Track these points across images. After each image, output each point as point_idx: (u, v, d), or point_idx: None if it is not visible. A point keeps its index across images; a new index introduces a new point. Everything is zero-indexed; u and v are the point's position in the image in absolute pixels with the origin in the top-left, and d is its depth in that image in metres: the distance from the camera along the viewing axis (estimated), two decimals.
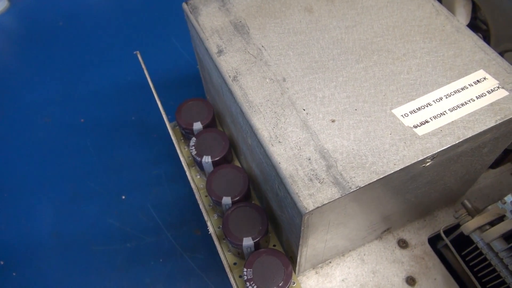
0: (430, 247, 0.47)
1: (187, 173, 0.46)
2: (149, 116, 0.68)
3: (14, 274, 0.54)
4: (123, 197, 0.60)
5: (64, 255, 0.55)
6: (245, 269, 0.39)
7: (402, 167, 0.31)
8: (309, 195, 0.30)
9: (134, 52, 0.45)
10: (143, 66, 0.44)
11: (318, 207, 0.30)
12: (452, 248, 0.45)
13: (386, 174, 0.31)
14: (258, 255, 0.40)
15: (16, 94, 0.72)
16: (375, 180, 0.31)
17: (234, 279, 0.42)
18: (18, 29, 0.82)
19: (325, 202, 0.30)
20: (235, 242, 0.41)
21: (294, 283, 0.43)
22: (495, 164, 0.50)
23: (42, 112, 0.69)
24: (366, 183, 0.30)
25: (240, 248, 0.41)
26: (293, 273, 0.44)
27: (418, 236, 0.48)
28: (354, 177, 0.31)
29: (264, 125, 0.34)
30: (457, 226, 0.44)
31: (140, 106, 0.69)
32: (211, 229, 0.33)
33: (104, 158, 0.64)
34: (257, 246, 0.41)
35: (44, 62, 0.76)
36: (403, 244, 0.48)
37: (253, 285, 0.38)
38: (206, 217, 0.34)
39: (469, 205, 0.44)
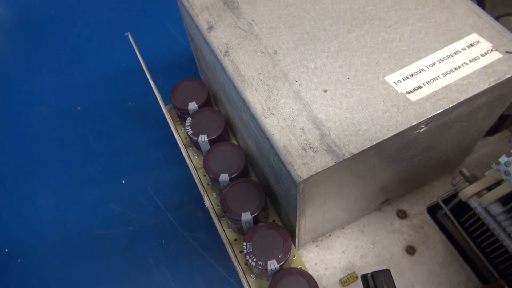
0: (429, 216, 0.48)
1: (184, 153, 0.46)
2: (146, 101, 0.67)
3: (19, 261, 0.55)
4: (123, 181, 0.60)
5: (67, 241, 0.56)
6: (244, 243, 0.39)
7: (395, 132, 0.31)
8: (303, 164, 0.30)
9: (125, 34, 0.45)
10: (135, 46, 0.44)
11: (312, 175, 0.30)
12: (451, 216, 0.45)
13: (379, 140, 0.31)
14: (257, 229, 0.40)
15: (13, 85, 0.72)
16: (368, 146, 0.31)
17: (235, 254, 0.43)
18: (11, 19, 0.81)
19: (319, 170, 0.30)
20: (234, 218, 0.41)
21: (294, 256, 0.44)
22: (492, 131, 0.50)
23: (39, 101, 0.69)
24: (360, 150, 0.31)
25: (239, 224, 0.42)
26: (293, 246, 0.45)
27: (417, 206, 0.48)
28: (348, 144, 0.31)
29: (256, 98, 0.34)
30: (456, 195, 0.44)
31: (137, 92, 0.69)
32: (207, 203, 0.34)
33: (103, 144, 0.64)
34: (256, 220, 0.41)
35: (38, 52, 0.76)
36: (402, 214, 0.48)
37: (252, 258, 0.38)
38: (202, 192, 0.34)
39: (467, 174, 0.44)
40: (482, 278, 0.43)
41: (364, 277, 0.37)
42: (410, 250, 0.45)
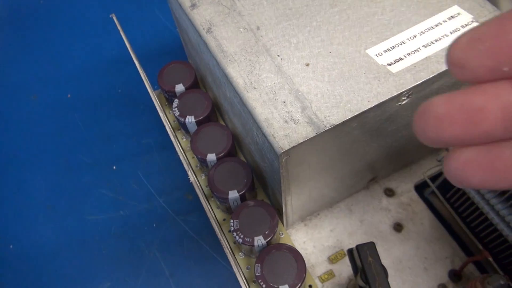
0: (417, 194, 0.48)
1: (171, 135, 0.46)
2: (135, 87, 0.67)
3: (11, 247, 0.55)
4: (114, 167, 0.60)
5: (59, 226, 0.56)
6: (232, 221, 0.40)
7: (376, 103, 0.31)
8: (285, 136, 0.30)
9: (110, 15, 0.45)
10: (120, 29, 0.44)
11: (293, 147, 0.30)
12: (438, 193, 0.45)
13: (360, 111, 0.31)
14: (244, 206, 0.40)
15: (1, 74, 0.71)
16: (349, 117, 0.31)
17: (223, 232, 0.43)
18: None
19: (300, 141, 0.30)
20: (221, 196, 0.41)
21: (282, 234, 0.44)
22: None
23: (29, 90, 0.69)
24: (341, 121, 0.31)
25: (226, 202, 0.42)
26: (282, 225, 0.45)
27: (404, 184, 0.49)
28: (329, 116, 0.31)
29: (238, 73, 0.34)
30: (442, 173, 0.44)
31: (126, 79, 0.69)
32: (191, 178, 0.34)
33: (93, 131, 0.64)
34: (243, 198, 0.42)
35: (27, 40, 0.76)
36: (389, 192, 0.48)
37: (240, 234, 0.39)
38: (186, 168, 0.34)
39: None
40: (468, 252, 0.44)
41: (350, 251, 0.37)
42: (398, 227, 0.46)
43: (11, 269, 0.53)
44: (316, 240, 0.46)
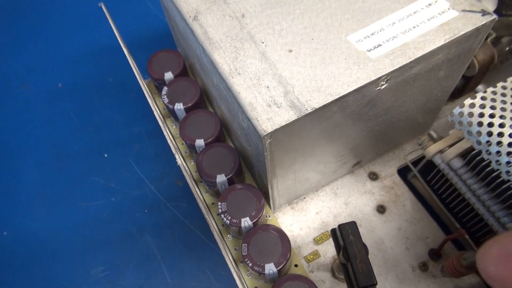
0: (399, 177, 0.50)
1: (160, 123, 0.47)
2: (126, 76, 0.68)
3: (5, 233, 0.56)
4: (106, 155, 0.61)
5: (52, 213, 0.57)
6: (219, 203, 0.41)
7: (355, 87, 0.33)
8: (268, 119, 0.32)
9: (99, 4, 0.45)
10: (109, 17, 0.45)
11: (276, 129, 0.31)
12: (419, 175, 0.47)
13: (340, 95, 0.32)
14: (232, 189, 0.42)
15: None
16: (330, 101, 0.32)
17: (212, 216, 0.44)
18: None
19: (283, 124, 0.31)
20: (209, 180, 0.43)
21: (269, 216, 0.46)
22: (457, 94, 0.52)
23: (20, 80, 0.70)
24: (321, 105, 0.32)
25: (215, 186, 0.43)
26: (269, 208, 0.47)
27: (387, 168, 0.50)
28: (310, 100, 0.32)
29: (224, 59, 0.35)
30: (424, 157, 0.46)
31: (117, 68, 0.69)
32: (179, 161, 0.35)
33: (84, 120, 0.65)
34: (230, 182, 0.43)
35: (18, 31, 0.76)
36: (373, 176, 0.50)
37: (227, 216, 0.40)
38: (174, 151, 0.36)
39: (434, 135, 0.46)
40: (448, 232, 0.45)
41: (333, 231, 0.39)
42: (381, 209, 0.48)
43: (5, 255, 0.54)
44: (302, 222, 0.48)
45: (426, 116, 0.48)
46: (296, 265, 0.43)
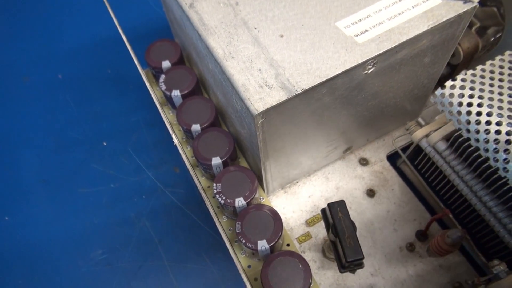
0: (388, 163, 0.51)
1: (159, 109, 0.49)
2: (124, 68, 0.70)
3: (6, 218, 0.57)
4: (105, 143, 0.63)
5: (52, 199, 0.59)
6: (214, 184, 0.43)
7: (343, 70, 0.34)
8: (259, 99, 0.33)
9: None
10: (109, 9, 0.46)
11: (267, 109, 0.33)
12: (407, 161, 0.49)
13: (328, 77, 0.34)
14: (226, 171, 0.43)
15: None
16: (318, 82, 0.34)
17: (208, 198, 0.46)
18: None
19: (274, 103, 0.33)
20: (205, 163, 0.44)
21: (262, 199, 0.47)
22: (444, 82, 0.53)
23: (21, 72, 0.71)
24: (310, 86, 0.34)
25: (210, 169, 0.45)
26: (262, 191, 0.48)
27: (377, 154, 0.52)
28: (300, 81, 0.34)
29: (218, 44, 0.37)
30: (412, 143, 0.47)
31: (115, 60, 0.71)
32: (175, 141, 0.37)
33: (84, 109, 0.66)
34: (225, 165, 0.45)
35: (18, 23, 0.77)
36: (363, 162, 0.52)
37: (222, 196, 0.42)
38: (170, 131, 0.37)
39: (422, 122, 0.47)
40: (434, 213, 0.47)
41: (323, 210, 0.41)
42: (370, 192, 0.49)
43: (7, 239, 0.56)
44: (294, 205, 0.49)
45: (414, 104, 0.50)
46: (288, 245, 0.45)
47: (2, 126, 0.66)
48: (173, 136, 0.37)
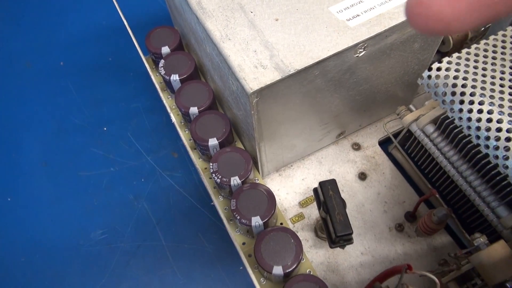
0: (380, 148, 0.53)
1: (159, 93, 0.51)
2: (124, 57, 0.71)
3: (9, 199, 0.59)
4: (105, 128, 0.64)
5: (53, 181, 0.60)
6: (211, 164, 0.44)
7: (334, 52, 0.36)
8: (254, 79, 0.35)
9: None
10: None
11: (262, 88, 0.35)
12: (398, 145, 0.51)
13: (320, 59, 0.36)
14: (223, 152, 0.45)
15: None
16: (311, 63, 0.36)
17: (204, 178, 0.48)
18: None
19: (268, 83, 0.35)
20: (202, 144, 0.46)
21: (257, 180, 0.49)
22: None
23: (23, 58, 0.73)
24: (303, 67, 0.35)
25: (207, 150, 0.47)
26: (258, 173, 0.50)
27: (370, 139, 0.54)
28: (293, 62, 0.36)
29: (216, 26, 0.39)
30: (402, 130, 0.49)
31: (116, 49, 0.72)
32: (173, 119, 0.38)
33: (85, 96, 0.68)
34: (222, 146, 0.46)
35: (21, 11, 0.79)
36: (356, 146, 0.53)
37: (218, 175, 0.44)
38: (169, 110, 0.39)
39: (413, 109, 0.49)
40: (422, 195, 0.49)
41: (315, 189, 0.42)
42: (362, 176, 0.51)
43: (9, 219, 0.57)
44: (289, 187, 0.51)
45: (406, 90, 0.51)
46: (281, 224, 0.47)
47: (5, 110, 0.68)
48: (171, 115, 0.38)
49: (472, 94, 0.33)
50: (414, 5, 0.14)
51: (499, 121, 0.32)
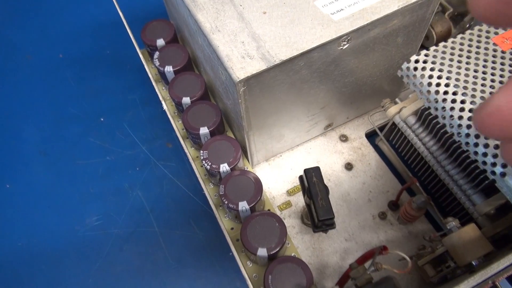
0: (367, 140, 0.55)
1: (154, 84, 0.52)
2: (122, 50, 0.73)
3: (7, 186, 0.61)
4: (102, 119, 0.66)
5: (51, 169, 0.62)
6: (201, 151, 0.46)
7: (318, 43, 0.38)
8: (241, 68, 0.37)
9: None
10: None
11: (248, 77, 0.37)
12: (382, 137, 0.52)
13: (305, 50, 0.37)
14: (213, 140, 0.47)
15: None
16: (296, 54, 0.37)
17: (196, 167, 0.50)
18: None
19: (254, 72, 0.37)
20: (193, 132, 0.48)
21: (247, 168, 0.51)
22: None
23: (23, 50, 0.75)
24: (288, 57, 0.37)
25: (198, 138, 0.48)
26: (248, 163, 0.52)
27: (357, 131, 0.56)
28: (279, 53, 0.37)
29: (206, 18, 0.40)
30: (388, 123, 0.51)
31: (114, 42, 0.74)
32: (165, 107, 0.40)
33: (83, 87, 0.70)
34: (212, 135, 0.48)
35: (21, 4, 0.81)
36: (343, 138, 0.55)
37: (208, 162, 0.45)
38: (161, 98, 0.41)
39: (399, 102, 0.51)
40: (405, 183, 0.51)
41: (301, 177, 0.44)
42: (348, 166, 0.53)
43: (7, 205, 0.59)
44: (277, 176, 0.53)
45: (391, 84, 0.53)
46: (268, 210, 0.49)
47: (6, 100, 0.69)
48: (163, 103, 0.40)
49: (446, 85, 0.35)
50: (485, 117, 0.13)
51: (471, 111, 0.34)
